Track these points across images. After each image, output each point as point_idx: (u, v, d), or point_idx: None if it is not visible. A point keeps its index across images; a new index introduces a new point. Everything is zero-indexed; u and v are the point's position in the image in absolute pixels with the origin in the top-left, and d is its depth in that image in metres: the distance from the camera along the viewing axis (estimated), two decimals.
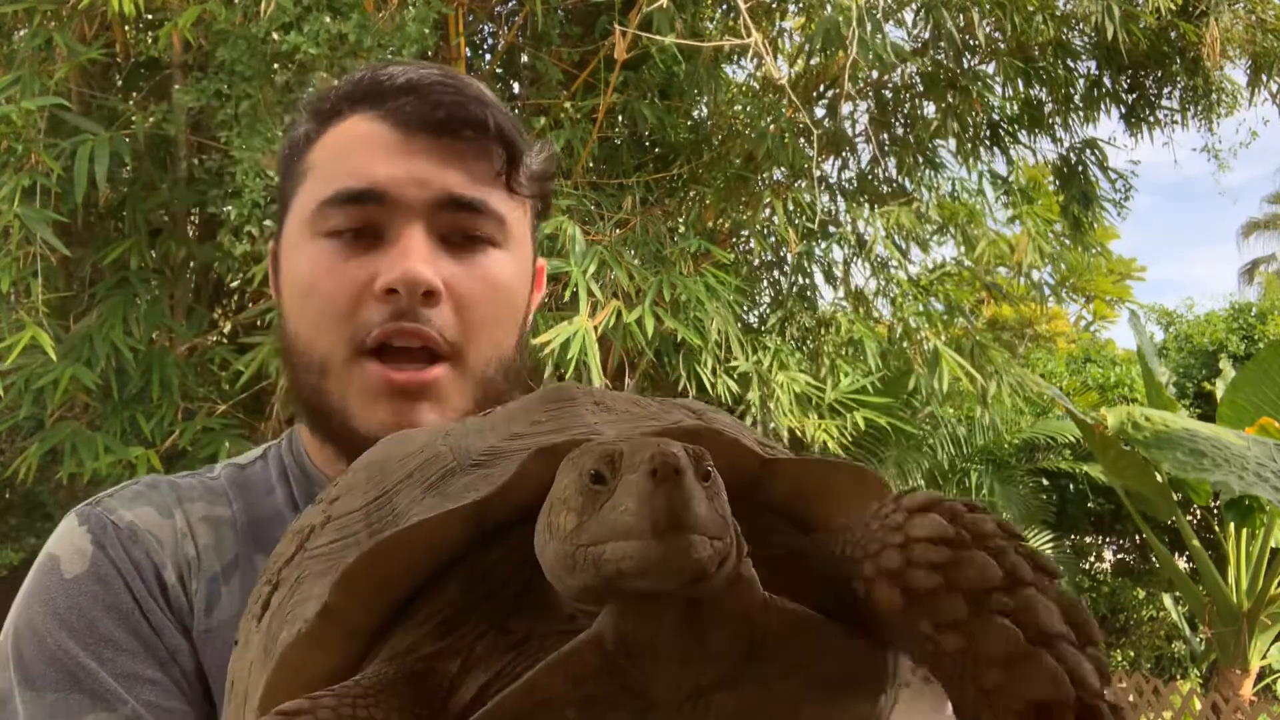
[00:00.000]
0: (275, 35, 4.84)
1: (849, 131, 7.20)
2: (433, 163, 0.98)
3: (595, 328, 5.13)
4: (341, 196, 0.97)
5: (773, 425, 5.89)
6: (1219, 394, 10.35)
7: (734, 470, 0.55)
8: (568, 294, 5.27)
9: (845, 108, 7.11)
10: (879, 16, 5.76)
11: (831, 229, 7.11)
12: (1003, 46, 7.18)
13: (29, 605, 0.92)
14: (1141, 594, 12.61)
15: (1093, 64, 7.64)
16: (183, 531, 0.98)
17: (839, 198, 7.34)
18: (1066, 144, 7.86)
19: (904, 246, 7.14)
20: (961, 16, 6.61)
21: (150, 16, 5.67)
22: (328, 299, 0.97)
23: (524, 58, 6.70)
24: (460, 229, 0.99)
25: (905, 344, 6.96)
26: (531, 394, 0.66)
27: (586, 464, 0.50)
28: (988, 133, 7.50)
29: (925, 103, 7.34)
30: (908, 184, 7.33)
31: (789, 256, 6.93)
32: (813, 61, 6.97)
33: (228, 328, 6.46)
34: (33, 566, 0.95)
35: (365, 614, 0.59)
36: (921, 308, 7.11)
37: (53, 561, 0.94)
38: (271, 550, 0.98)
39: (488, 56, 7.24)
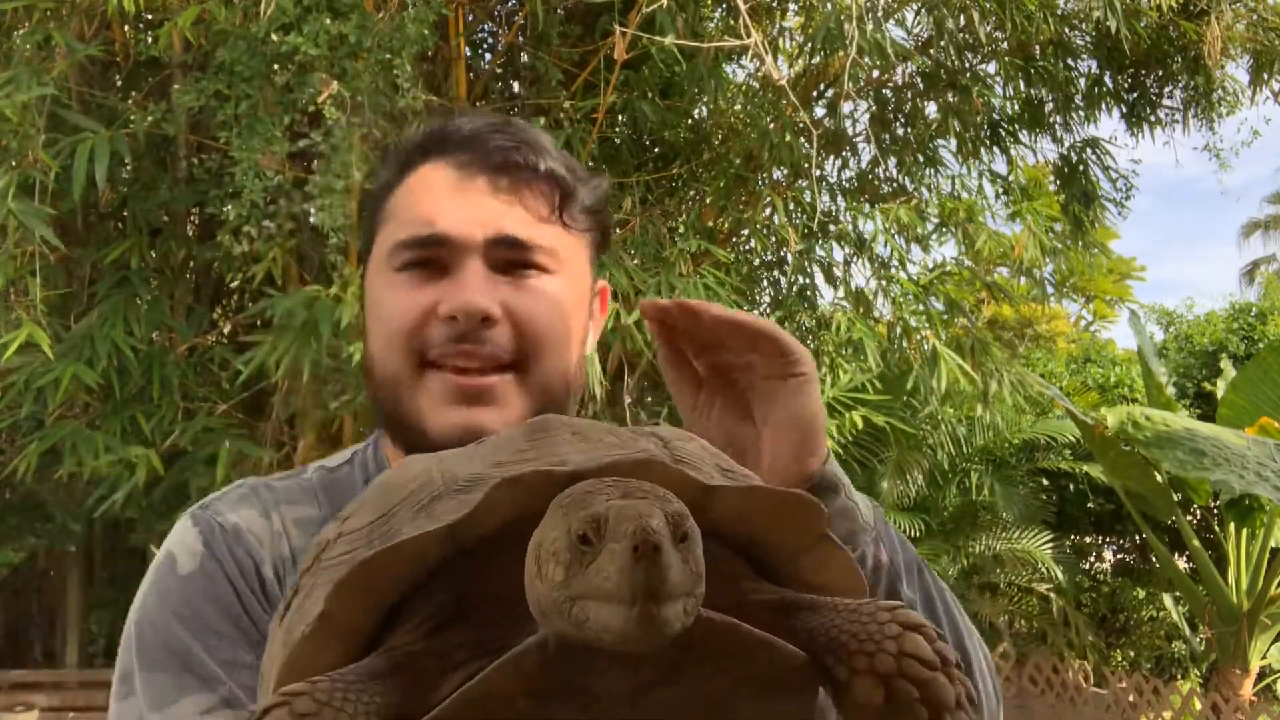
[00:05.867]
0: (275, 36, 4.83)
1: (849, 131, 7.20)
2: (489, 202, 1.13)
3: None
4: (411, 242, 1.14)
5: None
6: (1219, 394, 10.35)
7: (678, 495, 0.62)
8: None
9: (845, 107, 7.11)
10: (879, 15, 5.75)
11: (831, 227, 7.10)
12: (1004, 46, 7.17)
13: (149, 598, 1.07)
14: (1141, 594, 12.60)
15: (1093, 63, 7.64)
16: (279, 532, 1.11)
17: (839, 197, 7.34)
18: (1067, 143, 7.86)
19: (904, 245, 7.14)
20: (962, 15, 6.60)
21: (150, 16, 5.67)
22: (397, 321, 1.13)
23: (524, 57, 6.70)
24: (513, 261, 1.13)
25: (905, 344, 6.95)
26: (520, 424, 0.75)
27: (575, 524, 0.56)
28: (988, 132, 7.49)
29: (925, 102, 7.34)
30: (908, 183, 7.32)
31: (789, 256, 6.93)
32: (813, 61, 6.97)
33: (228, 327, 6.46)
34: (153, 562, 1.11)
35: (359, 617, 0.68)
36: (921, 307, 7.10)
37: (170, 560, 1.09)
38: None
39: (487, 56, 7.25)
